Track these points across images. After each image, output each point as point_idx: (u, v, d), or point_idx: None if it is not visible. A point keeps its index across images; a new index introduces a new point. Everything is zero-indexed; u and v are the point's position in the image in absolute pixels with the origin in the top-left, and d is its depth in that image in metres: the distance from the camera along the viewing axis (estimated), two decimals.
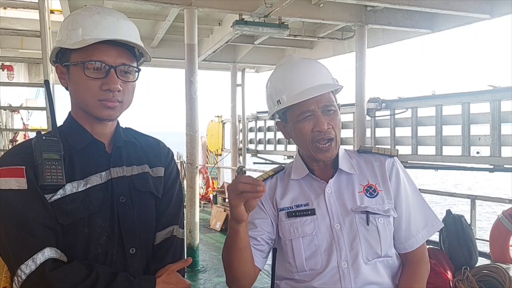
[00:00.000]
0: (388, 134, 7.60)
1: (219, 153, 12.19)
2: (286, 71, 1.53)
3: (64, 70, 1.31)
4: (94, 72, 1.25)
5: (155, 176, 1.41)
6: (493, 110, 5.94)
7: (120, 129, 1.41)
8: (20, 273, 1.14)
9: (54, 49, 1.32)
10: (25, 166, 1.22)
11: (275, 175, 1.59)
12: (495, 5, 6.26)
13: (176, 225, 1.41)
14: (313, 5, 6.59)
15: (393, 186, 1.50)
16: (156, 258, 1.35)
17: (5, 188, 1.20)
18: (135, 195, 1.34)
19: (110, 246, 1.27)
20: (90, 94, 1.26)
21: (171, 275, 1.30)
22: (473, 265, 4.19)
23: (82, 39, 1.24)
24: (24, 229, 1.17)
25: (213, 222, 8.50)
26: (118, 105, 1.30)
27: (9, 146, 8.23)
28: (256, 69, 11.84)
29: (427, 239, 1.54)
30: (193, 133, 6.02)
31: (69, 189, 1.24)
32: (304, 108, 1.44)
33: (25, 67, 11.44)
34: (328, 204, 1.47)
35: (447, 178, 21.96)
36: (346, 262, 1.41)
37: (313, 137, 1.45)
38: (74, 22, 1.28)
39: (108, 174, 1.31)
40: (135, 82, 1.33)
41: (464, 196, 6.18)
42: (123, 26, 1.30)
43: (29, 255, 1.15)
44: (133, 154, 1.40)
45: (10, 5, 7.95)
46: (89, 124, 1.33)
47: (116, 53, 1.27)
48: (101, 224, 1.27)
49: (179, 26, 6.80)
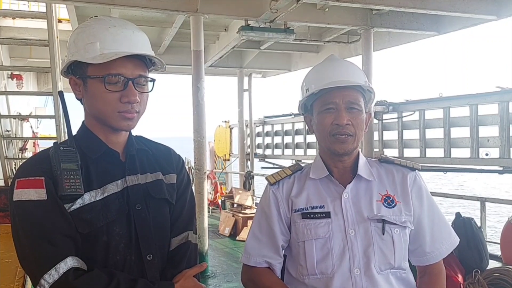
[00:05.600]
0: (396, 137, 7.56)
1: (227, 158, 12.20)
2: (322, 66, 1.57)
3: (79, 82, 1.32)
4: (112, 85, 1.28)
5: (168, 183, 1.44)
6: (501, 112, 5.90)
7: (132, 138, 1.44)
8: (44, 282, 1.16)
9: (69, 61, 1.32)
10: (44, 177, 1.24)
11: (293, 174, 1.59)
12: (501, 6, 6.23)
13: (190, 231, 1.45)
14: (319, 10, 6.60)
15: (415, 199, 1.50)
16: (172, 264, 1.38)
17: (25, 199, 1.22)
18: (150, 202, 1.37)
19: (128, 253, 1.30)
20: (110, 106, 1.29)
21: (188, 281, 1.33)
22: (484, 268, 4.16)
23: (101, 53, 1.26)
24: (45, 239, 1.19)
25: (221, 228, 8.50)
26: (136, 116, 1.33)
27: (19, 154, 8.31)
28: (262, 74, 11.86)
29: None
30: (200, 138, 6.04)
31: (87, 198, 1.27)
32: (329, 99, 1.47)
33: (34, 76, 11.55)
34: (344, 209, 1.46)
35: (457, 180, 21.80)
36: (358, 269, 1.40)
37: (331, 130, 1.46)
38: (90, 35, 1.29)
39: (123, 182, 1.34)
40: (149, 92, 1.37)
41: (473, 199, 6.13)
42: (138, 39, 1.33)
43: (52, 265, 1.17)
44: (146, 162, 1.43)
45: (19, 15, 8.06)
46: (104, 133, 1.36)
47: (133, 66, 1.30)
48: (119, 232, 1.30)
49: (186, 33, 6.84)
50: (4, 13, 8.01)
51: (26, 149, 9.05)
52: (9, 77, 8.15)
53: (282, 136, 10.55)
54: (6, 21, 8.00)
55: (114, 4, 5.77)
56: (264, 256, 1.52)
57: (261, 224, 1.56)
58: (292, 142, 10.15)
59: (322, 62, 1.59)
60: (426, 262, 1.53)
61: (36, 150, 10.66)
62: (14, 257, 2.07)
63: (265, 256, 1.52)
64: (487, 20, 6.57)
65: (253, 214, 8.16)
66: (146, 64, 1.35)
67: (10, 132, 7.66)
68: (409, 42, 8.07)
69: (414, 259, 1.53)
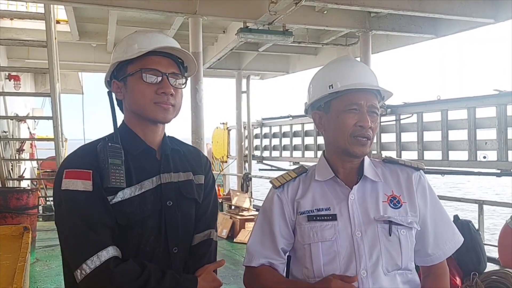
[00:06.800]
0: (394, 139, 7.57)
1: (225, 160, 12.18)
2: (343, 64, 1.56)
3: (121, 84, 1.46)
4: (149, 78, 1.41)
5: (197, 183, 1.55)
6: (499, 114, 5.90)
7: (166, 138, 1.54)
8: (85, 267, 1.27)
9: (111, 65, 1.47)
10: (92, 170, 1.35)
11: (297, 177, 1.58)
12: (499, 10, 6.25)
13: (213, 229, 1.57)
14: (317, 12, 6.62)
15: (420, 199, 1.50)
16: (195, 258, 1.50)
17: (72, 189, 1.33)
18: (180, 200, 1.48)
19: (157, 245, 1.42)
20: (148, 98, 1.41)
21: (209, 274, 1.45)
22: (481, 271, 4.16)
23: (139, 51, 1.41)
24: (89, 227, 1.30)
25: (219, 230, 8.49)
26: (171, 108, 1.44)
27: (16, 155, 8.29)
28: (261, 76, 11.87)
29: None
30: (198, 140, 6.04)
31: (128, 193, 1.38)
32: (353, 100, 1.45)
33: (31, 77, 11.53)
34: (350, 211, 1.45)
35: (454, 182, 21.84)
36: (365, 271, 1.39)
37: (353, 131, 1.45)
38: (130, 39, 1.47)
39: (158, 180, 1.44)
40: (183, 89, 1.50)
41: (471, 201, 6.14)
42: (171, 40, 1.50)
43: (94, 252, 1.28)
44: (178, 161, 1.53)
45: (17, 15, 8.05)
46: (142, 131, 1.47)
47: (167, 63, 1.44)
48: (151, 226, 1.41)
49: (184, 35, 6.83)
50: (2, 14, 7.99)
51: (23, 150, 9.04)
52: (6, 78, 8.14)
53: (280, 138, 10.53)
54: (4, 22, 7.98)
55: (113, 6, 5.77)
56: (267, 257, 1.52)
57: (263, 227, 1.55)
58: (290, 144, 10.14)
59: (341, 61, 1.57)
60: (430, 263, 1.53)
61: (33, 151, 10.65)
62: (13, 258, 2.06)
63: (267, 257, 1.52)
64: (484, 24, 6.60)
65: (250, 216, 8.16)
66: (178, 66, 1.48)
67: (7, 133, 7.64)
68: (407, 45, 8.10)
69: (418, 259, 1.52)
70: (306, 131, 9.46)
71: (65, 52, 8.42)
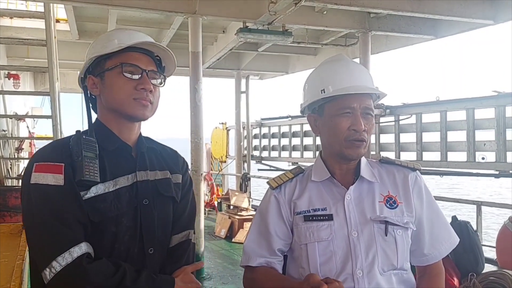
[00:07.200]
0: (392, 140, 7.58)
1: (224, 160, 12.18)
2: (335, 65, 1.53)
3: (97, 80, 1.42)
4: (129, 74, 1.39)
5: (174, 182, 1.51)
6: (498, 116, 5.91)
7: (142, 137, 1.51)
8: (55, 264, 1.20)
9: (88, 61, 1.44)
10: (64, 164, 1.30)
11: (294, 178, 1.58)
12: (498, 11, 6.26)
13: (191, 230, 1.53)
14: (317, 13, 6.62)
15: (416, 200, 1.50)
16: (172, 259, 1.45)
17: (42, 183, 1.27)
18: (157, 199, 1.44)
19: (132, 245, 1.36)
20: (127, 93, 1.38)
21: (186, 276, 1.41)
22: (479, 272, 4.17)
23: (119, 45, 1.39)
24: (61, 222, 1.24)
25: (217, 229, 8.49)
26: (149, 106, 1.42)
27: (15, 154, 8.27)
28: (260, 76, 11.87)
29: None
30: (197, 140, 6.04)
31: (102, 188, 1.33)
32: (346, 104, 1.44)
33: (30, 75, 11.52)
34: (346, 211, 1.45)
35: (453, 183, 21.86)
36: (361, 271, 1.39)
37: (347, 135, 1.44)
38: (109, 35, 1.46)
39: (134, 177, 1.40)
40: (161, 87, 1.48)
41: (469, 202, 6.15)
42: (150, 39, 1.47)
43: (66, 248, 1.22)
44: (155, 160, 1.50)
45: (17, 14, 8.05)
46: (118, 128, 1.43)
47: (146, 60, 1.42)
48: (126, 224, 1.36)
49: (184, 34, 6.84)
50: (2, 13, 7.99)
51: (22, 149, 9.02)
52: (6, 76, 8.12)
53: (279, 138, 10.54)
54: (4, 21, 7.98)
55: (113, 5, 5.76)
56: (264, 257, 1.52)
57: (260, 228, 1.55)
58: (289, 144, 10.14)
59: (334, 62, 1.55)
60: (425, 263, 1.53)
61: (32, 150, 10.62)
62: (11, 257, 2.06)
63: (264, 257, 1.52)
64: (484, 25, 6.60)
65: (249, 216, 8.16)
66: (156, 65, 1.46)
67: (6, 132, 7.63)
68: (407, 45, 8.10)
69: (414, 259, 1.53)
70: (305, 131, 9.46)
71: (64, 51, 8.42)
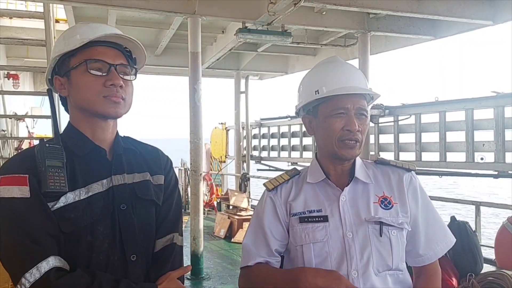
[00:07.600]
0: (391, 140, 7.58)
1: (223, 160, 12.19)
2: (329, 66, 1.54)
3: (64, 80, 1.34)
4: (95, 70, 1.30)
5: (155, 183, 1.43)
6: (497, 116, 5.93)
7: (119, 137, 1.43)
8: (24, 281, 1.14)
9: (52, 61, 1.35)
10: (28, 175, 1.22)
11: (290, 179, 1.58)
12: (497, 12, 6.27)
13: (176, 233, 1.44)
14: (316, 13, 6.63)
15: (411, 200, 1.50)
16: (157, 265, 1.37)
17: (7, 197, 1.20)
18: (136, 203, 1.36)
19: (111, 253, 1.29)
20: (95, 91, 1.30)
21: (172, 282, 1.33)
22: (478, 272, 4.17)
23: (81, 41, 1.30)
24: (28, 237, 1.18)
25: (217, 229, 8.49)
26: (122, 102, 1.33)
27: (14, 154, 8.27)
28: (259, 76, 11.87)
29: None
30: (197, 140, 6.04)
31: (71, 197, 1.25)
32: (340, 105, 1.45)
33: (30, 76, 11.52)
34: (341, 212, 1.46)
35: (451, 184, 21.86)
36: (356, 271, 1.40)
37: (341, 135, 1.45)
38: (71, 31, 1.36)
39: (109, 182, 1.33)
40: (133, 81, 1.39)
41: (468, 203, 6.15)
42: (116, 30, 1.37)
43: (34, 264, 1.16)
44: (133, 162, 1.42)
45: (16, 14, 8.05)
46: (91, 130, 1.35)
47: (113, 54, 1.33)
48: (103, 232, 1.28)
49: (183, 34, 6.84)
50: (1, 13, 7.99)
51: (21, 149, 9.01)
52: (5, 76, 8.13)
53: (278, 138, 10.54)
54: (3, 21, 7.98)
55: (112, 5, 5.77)
56: (262, 257, 1.52)
57: (256, 230, 1.56)
58: (288, 144, 10.15)
59: (327, 63, 1.57)
60: (421, 263, 1.53)
61: None
62: None
63: (262, 257, 1.52)
64: (483, 25, 6.61)
65: (248, 216, 8.17)
66: (127, 58, 1.37)
67: (5, 132, 7.64)
68: (406, 46, 8.10)
69: (410, 259, 1.53)
70: (304, 131, 9.45)
71: None
